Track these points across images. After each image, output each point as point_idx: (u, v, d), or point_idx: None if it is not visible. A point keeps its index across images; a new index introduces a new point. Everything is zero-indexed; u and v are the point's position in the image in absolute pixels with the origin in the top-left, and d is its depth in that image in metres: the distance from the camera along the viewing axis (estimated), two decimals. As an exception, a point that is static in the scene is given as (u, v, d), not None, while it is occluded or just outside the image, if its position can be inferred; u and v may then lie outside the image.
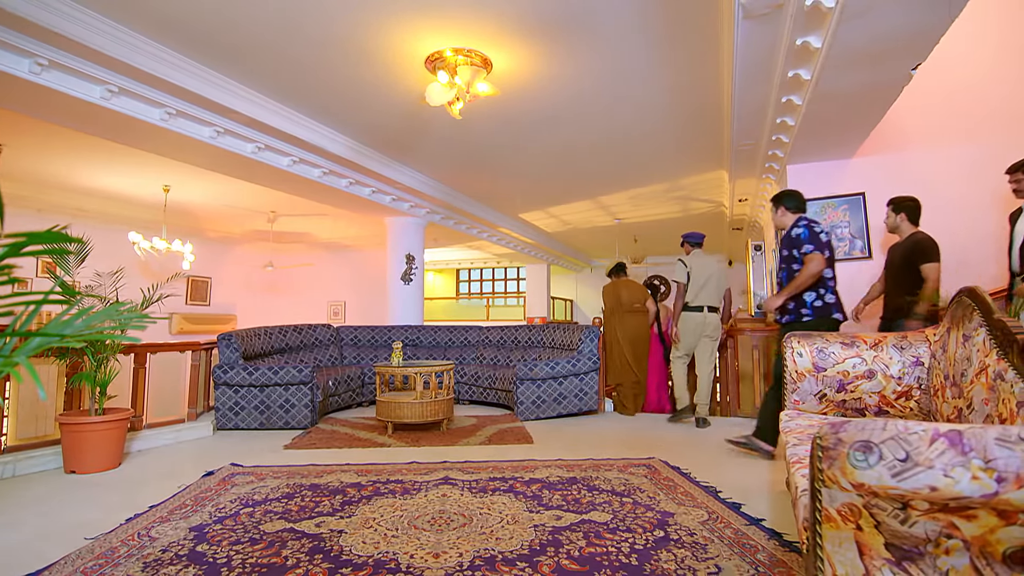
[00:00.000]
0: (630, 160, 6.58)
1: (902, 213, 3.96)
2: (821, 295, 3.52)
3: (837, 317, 3.52)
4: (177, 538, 2.27)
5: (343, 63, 4.11)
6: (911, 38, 3.03)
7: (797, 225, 3.58)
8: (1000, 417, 1.49)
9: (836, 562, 1.07)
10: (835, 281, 3.59)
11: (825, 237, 3.53)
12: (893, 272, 4.01)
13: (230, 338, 4.91)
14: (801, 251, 3.51)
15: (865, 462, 0.96)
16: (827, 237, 3.55)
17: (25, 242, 0.88)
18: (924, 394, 2.45)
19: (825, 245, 3.51)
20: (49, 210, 8.15)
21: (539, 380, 5.12)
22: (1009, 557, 0.96)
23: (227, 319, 11.26)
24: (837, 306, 3.54)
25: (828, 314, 3.51)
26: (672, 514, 2.49)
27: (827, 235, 3.57)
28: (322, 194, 6.66)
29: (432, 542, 2.19)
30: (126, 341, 3.80)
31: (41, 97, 3.75)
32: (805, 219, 3.61)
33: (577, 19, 3.54)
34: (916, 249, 3.82)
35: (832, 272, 3.56)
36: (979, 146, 4.73)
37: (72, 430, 3.32)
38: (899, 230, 4.01)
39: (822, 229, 3.55)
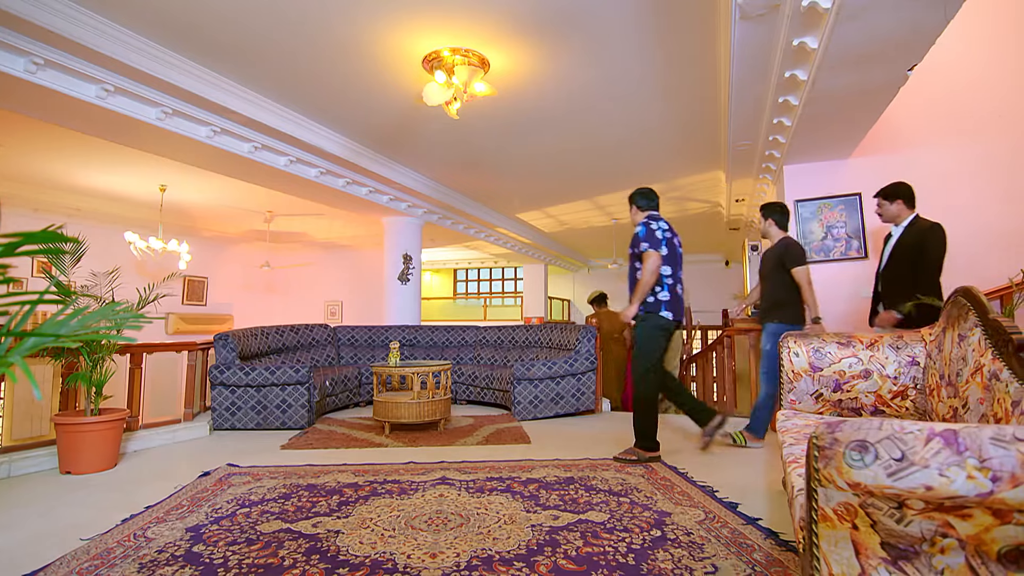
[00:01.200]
0: (627, 160, 6.58)
1: (770, 219, 4.09)
2: (655, 292, 3.50)
3: (665, 315, 3.47)
4: (173, 539, 2.26)
5: (340, 62, 4.10)
6: (907, 39, 3.04)
7: (640, 223, 3.59)
8: (995, 417, 1.50)
9: (832, 561, 1.07)
10: (674, 279, 3.55)
11: (663, 235, 3.52)
12: (765, 276, 4.15)
13: (227, 338, 4.90)
14: (639, 249, 3.50)
15: (861, 461, 0.96)
16: (666, 235, 3.53)
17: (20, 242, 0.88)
18: (920, 394, 2.45)
19: (661, 243, 3.49)
20: (45, 209, 8.11)
21: (536, 380, 5.12)
22: (1004, 556, 0.96)
23: (224, 319, 11.22)
24: (668, 304, 3.48)
25: (656, 311, 3.49)
26: (669, 514, 2.50)
27: (667, 233, 3.55)
28: (319, 194, 6.65)
29: (429, 542, 2.18)
30: (122, 341, 3.78)
31: (36, 96, 3.73)
32: (650, 217, 3.62)
33: (574, 19, 3.55)
34: (785, 254, 3.92)
35: (671, 270, 3.53)
36: (975, 146, 4.75)
37: (68, 430, 3.31)
38: (769, 235, 4.14)
39: (661, 227, 3.54)
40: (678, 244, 3.69)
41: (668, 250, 3.54)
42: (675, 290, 3.55)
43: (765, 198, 6.92)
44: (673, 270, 3.57)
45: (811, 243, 5.21)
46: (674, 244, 3.63)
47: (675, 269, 3.59)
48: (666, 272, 3.52)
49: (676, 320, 3.54)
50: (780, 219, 4.08)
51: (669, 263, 3.54)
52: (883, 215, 3.67)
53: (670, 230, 3.62)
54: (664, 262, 3.50)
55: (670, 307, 3.50)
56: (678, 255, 3.65)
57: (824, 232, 5.18)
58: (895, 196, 3.58)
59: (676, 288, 3.57)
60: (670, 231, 3.61)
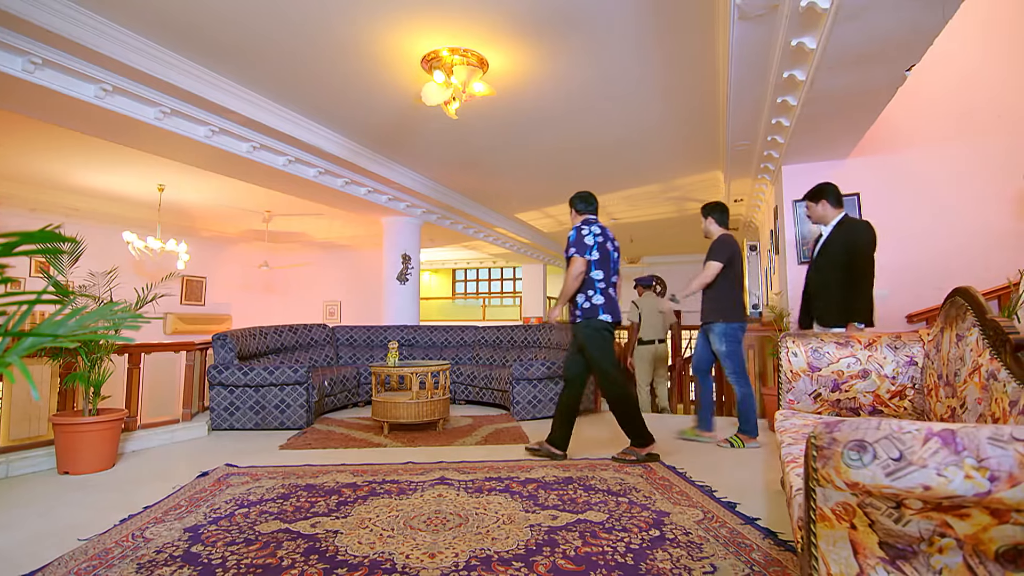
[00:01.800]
0: (625, 160, 6.59)
1: (711, 217, 4.17)
2: (589, 296, 3.52)
3: (604, 318, 3.49)
4: (171, 539, 2.26)
5: (339, 62, 4.10)
6: (905, 39, 3.05)
7: (573, 227, 3.61)
8: (993, 416, 1.50)
9: (831, 561, 1.08)
10: (607, 283, 3.55)
11: (593, 239, 3.52)
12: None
13: (225, 338, 4.89)
14: (568, 254, 3.54)
15: (859, 461, 0.96)
16: (597, 239, 3.53)
17: (18, 241, 0.88)
18: (918, 393, 2.46)
19: (592, 248, 3.50)
20: (42, 209, 8.10)
21: (535, 380, 5.12)
22: (1002, 555, 0.96)
23: (222, 319, 11.21)
24: (606, 307, 3.50)
25: (595, 315, 3.50)
26: (668, 513, 2.50)
27: (599, 237, 3.55)
28: (318, 193, 6.65)
29: (428, 542, 2.18)
30: (120, 341, 3.77)
31: (35, 96, 3.73)
32: (585, 221, 3.62)
33: (573, 19, 3.55)
34: (710, 249, 4.08)
35: (603, 274, 3.53)
36: (973, 146, 4.76)
37: (66, 431, 3.30)
38: (710, 234, 4.20)
39: (593, 232, 3.54)
40: (612, 249, 3.64)
41: (600, 255, 3.53)
42: (608, 293, 3.56)
43: (764, 198, 6.93)
44: (605, 274, 3.56)
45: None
46: (607, 249, 3.59)
47: (608, 273, 3.57)
48: (598, 276, 3.52)
49: (615, 322, 3.55)
50: (720, 217, 4.17)
51: (601, 268, 3.53)
52: (811, 217, 3.67)
53: (603, 234, 3.59)
54: (596, 267, 3.51)
55: (607, 310, 3.51)
56: (612, 260, 3.61)
57: (822, 232, 5.18)
58: (819, 196, 3.55)
59: (609, 291, 3.57)
60: (603, 235, 3.58)
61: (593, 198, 3.76)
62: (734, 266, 4.04)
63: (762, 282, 8.16)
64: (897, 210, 4.97)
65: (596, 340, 3.51)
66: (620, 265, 3.74)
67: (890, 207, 5.00)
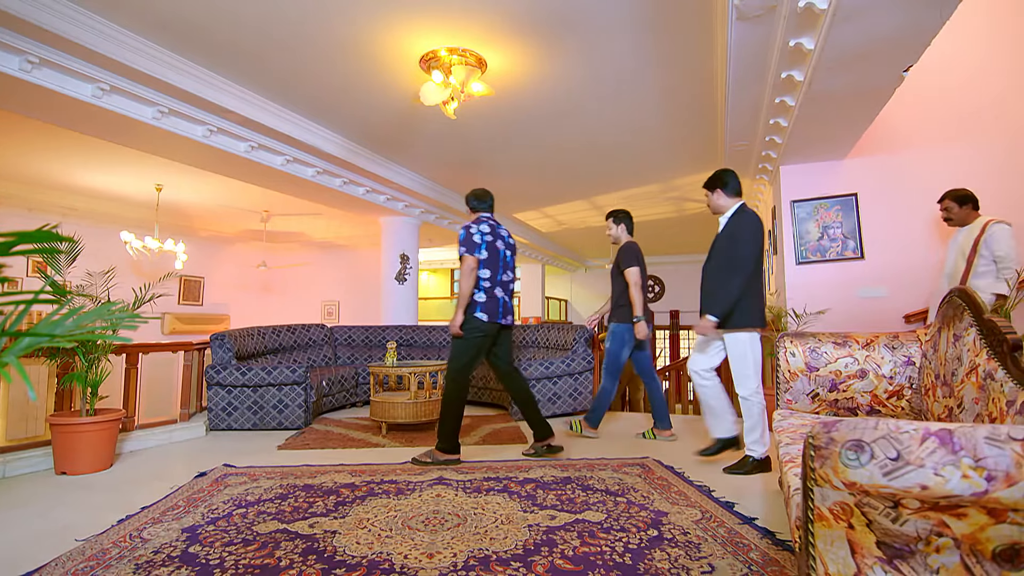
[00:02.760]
0: (624, 161, 6.59)
1: (622, 224, 4.33)
2: (473, 294, 3.50)
3: (479, 317, 3.45)
4: (169, 539, 2.26)
5: (338, 62, 4.09)
6: (903, 40, 3.05)
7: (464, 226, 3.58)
8: (990, 416, 1.51)
9: (828, 560, 1.08)
10: (493, 283, 3.51)
11: (481, 238, 3.48)
12: (613, 278, 4.32)
13: (223, 338, 4.88)
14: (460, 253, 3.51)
15: (857, 461, 0.97)
16: (486, 238, 3.50)
17: (15, 241, 0.88)
18: (915, 393, 2.46)
19: (480, 246, 3.48)
20: (40, 209, 8.08)
21: (533, 380, 5.12)
22: (999, 555, 0.97)
23: (220, 319, 11.19)
24: (484, 306, 3.46)
25: (471, 312, 3.48)
26: (666, 513, 2.50)
27: (487, 236, 3.51)
28: (316, 193, 6.64)
29: (426, 542, 2.18)
30: (118, 341, 3.77)
31: (32, 95, 3.72)
32: (479, 219, 3.59)
33: (572, 20, 3.55)
34: (619, 255, 4.20)
35: (490, 273, 3.50)
36: (971, 145, 4.76)
37: (63, 431, 3.30)
38: (618, 239, 4.34)
39: (481, 230, 3.51)
40: (503, 247, 3.59)
41: (489, 253, 3.50)
42: (493, 292, 3.50)
43: (762, 198, 6.94)
44: (493, 273, 3.51)
45: (807, 243, 5.23)
46: (496, 248, 3.54)
47: (496, 272, 3.52)
48: (484, 275, 3.49)
49: (494, 322, 3.50)
50: (629, 223, 4.34)
51: (489, 266, 3.49)
52: (710, 207, 3.55)
53: (492, 232, 3.55)
54: (484, 265, 3.47)
55: (485, 309, 3.46)
56: (501, 257, 3.57)
57: (820, 232, 5.20)
58: (714, 185, 3.42)
59: (495, 291, 3.51)
60: (492, 234, 3.54)
61: (488, 195, 3.72)
62: None
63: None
64: (895, 210, 4.98)
65: (465, 340, 3.48)
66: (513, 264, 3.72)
67: (888, 207, 5.01)
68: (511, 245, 3.70)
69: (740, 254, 3.16)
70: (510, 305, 3.64)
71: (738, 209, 3.33)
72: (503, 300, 3.56)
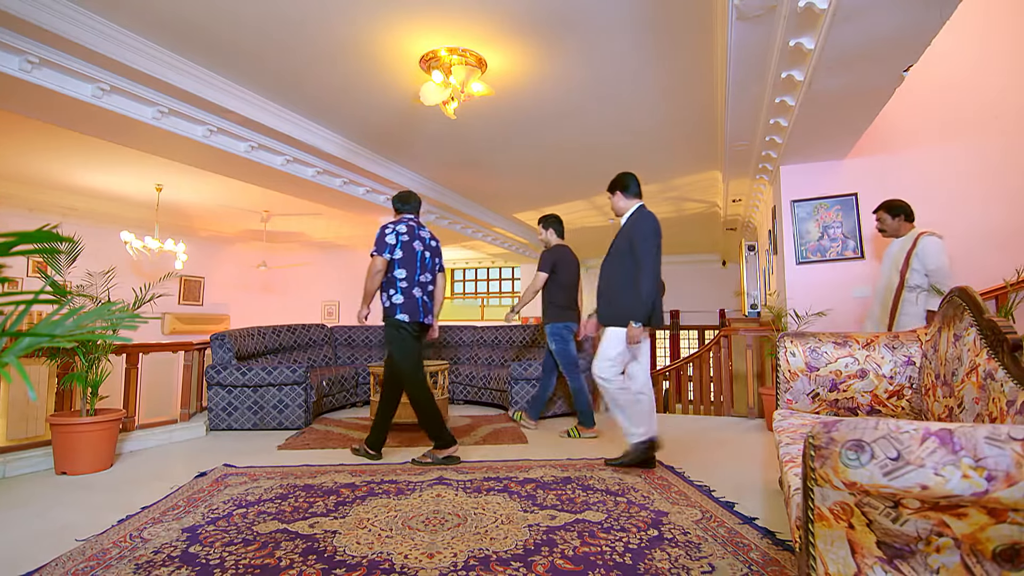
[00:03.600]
0: (624, 160, 6.58)
1: (550, 229, 4.64)
2: (390, 296, 3.54)
3: (401, 318, 3.48)
4: (169, 539, 2.26)
5: (338, 62, 4.09)
6: (903, 39, 3.05)
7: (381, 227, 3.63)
8: (990, 416, 1.51)
9: (828, 560, 1.08)
10: (410, 282, 3.53)
11: (396, 238, 3.52)
12: None
13: (223, 338, 4.88)
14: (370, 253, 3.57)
15: (857, 461, 0.97)
16: (401, 238, 3.53)
17: (15, 241, 0.88)
18: (916, 393, 2.46)
19: (395, 247, 3.51)
20: (40, 209, 8.08)
21: (534, 380, 5.12)
22: (999, 555, 0.97)
23: (220, 319, 11.19)
24: (404, 306, 3.49)
25: (392, 315, 3.51)
26: (666, 513, 2.50)
27: (403, 236, 3.54)
28: (316, 193, 6.63)
29: (426, 542, 2.18)
30: (118, 341, 3.77)
31: (32, 95, 3.72)
32: (400, 220, 3.64)
33: (572, 20, 3.55)
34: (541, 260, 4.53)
35: (407, 273, 3.53)
36: (971, 146, 4.76)
37: (63, 431, 3.30)
38: (548, 243, 4.66)
39: (398, 231, 3.54)
40: (421, 248, 3.62)
41: (404, 253, 3.53)
42: (411, 292, 3.53)
43: (762, 198, 6.94)
44: (409, 273, 3.54)
45: (807, 243, 5.23)
46: (413, 248, 3.57)
47: (413, 272, 3.55)
48: (400, 275, 3.52)
49: (416, 322, 3.53)
50: (558, 227, 4.64)
51: (405, 266, 3.53)
52: (613, 208, 3.66)
53: (410, 233, 3.58)
54: (399, 265, 3.51)
55: (405, 309, 3.50)
56: (419, 258, 3.59)
57: (820, 232, 5.20)
58: (614, 187, 3.53)
59: (412, 291, 3.54)
60: (409, 234, 3.57)
61: (412, 197, 3.77)
62: (558, 272, 4.50)
63: (760, 282, 8.17)
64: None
65: (395, 339, 3.51)
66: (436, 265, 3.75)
67: (888, 207, 5.00)
68: (432, 247, 3.72)
69: (644, 256, 3.22)
70: (429, 305, 3.66)
71: (636, 210, 3.46)
72: (420, 300, 3.58)
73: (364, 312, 3.63)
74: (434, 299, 3.73)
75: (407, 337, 3.52)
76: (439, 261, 3.77)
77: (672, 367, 7.58)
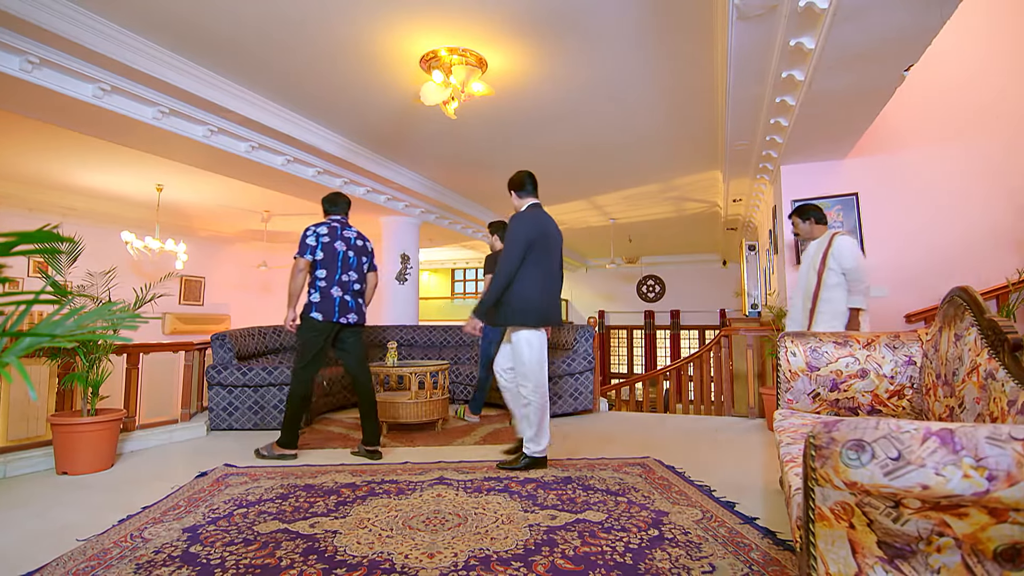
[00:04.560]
0: (624, 160, 6.59)
1: (496, 235, 4.75)
2: (309, 295, 3.60)
3: (314, 317, 3.54)
4: (170, 539, 2.26)
5: (338, 62, 4.09)
6: (903, 39, 3.05)
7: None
8: (991, 416, 1.50)
9: (829, 560, 1.08)
10: (329, 282, 3.57)
11: (316, 240, 3.57)
12: None
13: (223, 338, 4.88)
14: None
15: (858, 461, 0.97)
16: (322, 239, 3.58)
17: (16, 241, 0.88)
18: (916, 393, 2.46)
19: (315, 247, 3.56)
20: (40, 209, 8.08)
21: (534, 380, 5.11)
22: (1000, 555, 0.97)
23: (221, 319, 11.19)
24: (318, 305, 3.54)
25: (307, 312, 3.57)
26: (667, 513, 2.50)
27: (324, 237, 3.58)
28: (316, 193, 6.62)
29: (427, 542, 2.18)
30: (118, 341, 3.77)
31: (32, 95, 3.72)
32: (326, 220, 3.70)
33: (572, 19, 3.55)
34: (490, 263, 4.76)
35: (327, 273, 3.57)
36: (972, 145, 4.76)
37: (64, 431, 3.30)
38: (493, 247, 4.83)
39: (319, 232, 3.58)
40: (344, 248, 3.64)
41: (325, 254, 3.58)
42: (328, 292, 3.57)
43: (763, 198, 6.94)
44: (329, 273, 3.58)
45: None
46: (334, 248, 3.60)
47: (332, 272, 3.59)
48: (320, 275, 3.57)
49: (329, 321, 3.57)
50: (503, 233, 4.54)
51: (325, 266, 3.58)
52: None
53: (330, 234, 3.61)
54: (320, 266, 3.57)
55: (319, 308, 3.55)
56: (339, 257, 3.62)
57: (821, 232, 5.18)
58: (510, 188, 3.56)
59: (331, 290, 3.57)
60: (330, 235, 3.61)
61: (339, 199, 3.83)
62: None
63: (760, 282, 8.17)
64: (895, 210, 4.98)
65: (301, 335, 3.60)
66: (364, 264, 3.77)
67: (888, 207, 5.01)
68: (359, 247, 3.74)
69: (503, 257, 3.26)
70: (352, 304, 3.67)
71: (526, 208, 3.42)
72: (339, 299, 3.61)
73: (290, 316, 3.62)
74: (362, 298, 3.78)
75: (315, 337, 3.57)
76: (366, 260, 3.80)
77: (673, 367, 7.57)
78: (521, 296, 3.22)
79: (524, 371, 3.23)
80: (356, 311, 3.68)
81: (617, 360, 15.77)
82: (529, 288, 3.23)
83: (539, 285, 3.26)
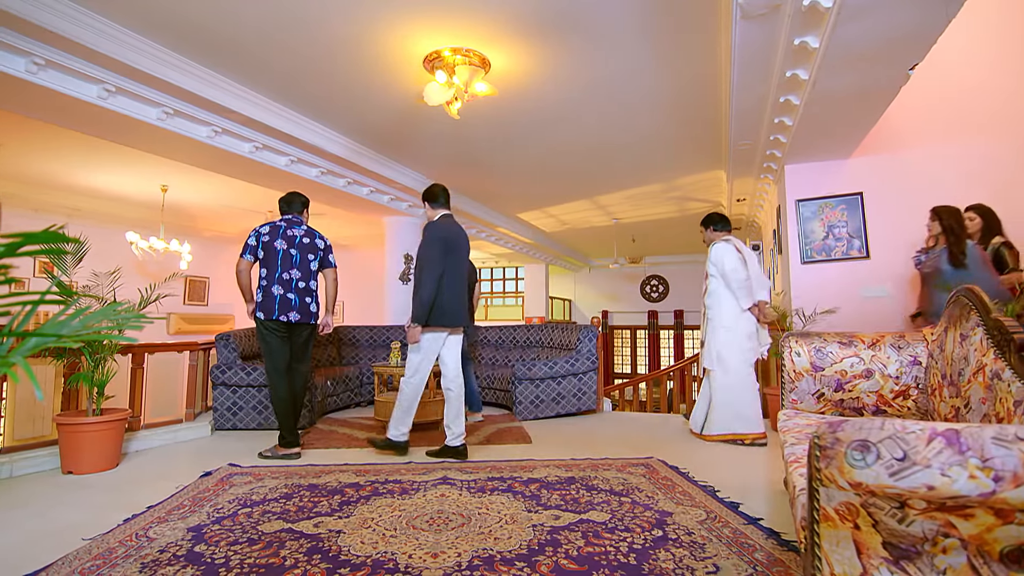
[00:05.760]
0: (627, 160, 6.58)
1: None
2: (256, 294, 3.69)
3: (258, 316, 3.66)
4: (175, 538, 2.26)
5: (341, 62, 4.10)
6: (908, 38, 3.04)
7: None
8: (997, 416, 1.50)
9: (834, 561, 1.07)
10: (269, 280, 3.65)
11: (257, 239, 3.67)
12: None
13: (228, 338, 4.90)
14: None
15: (863, 461, 0.96)
16: (262, 239, 3.66)
17: (22, 242, 0.88)
18: (922, 393, 2.45)
19: (256, 248, 3.66)
20: (45, 210, 8.12)
21: (537, 380, 5.12)
22: (1006, 556, 0.96)
23: (225, 319, 11.23)
24: (260, 305, 3.64)
25: (255, 312, 3.69)
26: (670, 513, 2.50)
27: (264, 237, 3.67)
28: (320, 194, 6.65)
29: (430, 542, 2.19)
30: (123, 341, 3.79)
31: (37, 96, 3.74)
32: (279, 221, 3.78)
33: (575, 19, 3.54)
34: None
35: (267, 271, 3.67)
36: (976, 145, 4.74)
37: (69, 430, 3.31)
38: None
39: (260, 232, 3.68)
40: (284, 246, 3.71)
41: (265, 253, 3.67)
42: (269, 291, 3.64)
43: (767, 198, 6.92)
44: (270, 271, 3.66)
45: (812, 243, 5.21)
46: (274, 247, 3.67)
47: (273, 271, 3.66)
48: (262, 274, 3.69)
49: (272, 319, 3.62)
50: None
51: (265, 265, 3.67)
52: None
53: (271, 233, 3.68)
54: (261, 265, 3.68)
55: (261, 307, 3.64)
56: (278, 255, 3.68)
57: (825, 232, 5.18)
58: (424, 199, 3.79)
59: (271, 289, 3.64)
60: (270, 234, 3.68)
61: (293, 198, 3.90)
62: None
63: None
64: (900, 210, 4.96)
65: (259, 339, 3.71)
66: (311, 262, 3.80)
67: (893, 207, 4.98)
68: (304, 244, 3.79)
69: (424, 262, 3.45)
70: (296, 302, 3.70)
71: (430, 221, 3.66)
72: (280, 297, 3.65)
73: (249, 308, 3.74)
74: (313, 296, 3.82)
75: (266, 335, 3.67)
76: (314, 258, 3.82)
77: (676, 367, 7.56)
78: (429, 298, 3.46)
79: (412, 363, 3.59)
80: (299, 309, 3.71)
81: (621, 360, 15.75)
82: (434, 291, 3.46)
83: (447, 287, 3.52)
